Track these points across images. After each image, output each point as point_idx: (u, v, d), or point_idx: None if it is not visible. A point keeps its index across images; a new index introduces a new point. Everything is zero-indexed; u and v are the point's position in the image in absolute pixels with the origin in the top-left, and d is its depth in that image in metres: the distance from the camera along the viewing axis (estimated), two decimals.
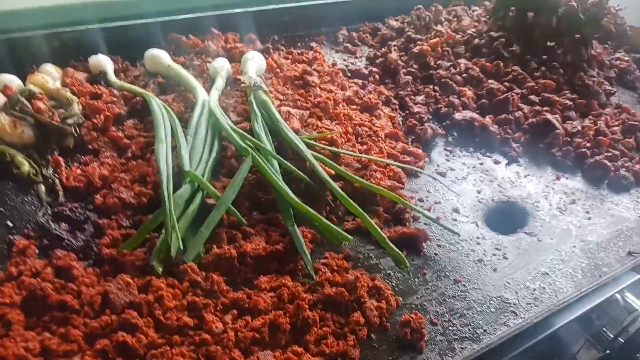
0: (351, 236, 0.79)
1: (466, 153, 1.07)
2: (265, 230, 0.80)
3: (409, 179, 0.97)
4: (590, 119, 1.17)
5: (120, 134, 0.93)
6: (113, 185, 0.83)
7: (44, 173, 0.84)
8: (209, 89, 1.03)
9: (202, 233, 0.73)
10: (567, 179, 1.05)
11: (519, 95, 1.19)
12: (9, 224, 0.77)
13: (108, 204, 0.80)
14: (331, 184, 0.85)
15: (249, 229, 0.79)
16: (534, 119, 1.13)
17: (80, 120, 0.93)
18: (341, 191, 0.84)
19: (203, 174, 0.82)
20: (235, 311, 0.66)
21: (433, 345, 0.69)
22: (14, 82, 0.95)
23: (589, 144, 1.10)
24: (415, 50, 1.27)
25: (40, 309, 0.64)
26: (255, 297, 0.68)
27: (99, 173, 0.85)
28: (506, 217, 0.93)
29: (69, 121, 0.90)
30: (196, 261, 0.72)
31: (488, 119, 1.12)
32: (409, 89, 1.20)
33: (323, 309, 0.68)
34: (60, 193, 0.82)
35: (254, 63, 1.09)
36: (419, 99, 1.17)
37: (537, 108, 1.16)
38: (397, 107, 1.16)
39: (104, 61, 1.06)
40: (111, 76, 1.05)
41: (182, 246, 0.71)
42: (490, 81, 1.23)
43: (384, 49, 1.33)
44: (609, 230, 0.93)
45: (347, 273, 0.74)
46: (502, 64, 1.26)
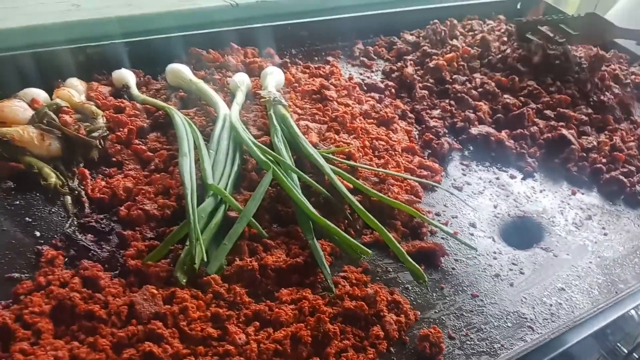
0: (369, 250, 0.80)
1: (482, 167, 1.08)
2: (286, 243, 0.82)
3: (426, 193, 0.99)
4: (606, 134, 1.17)
5: (143, 147, 0.95)
6: (137, 198, 0.85)
7: (71, 185, 0.87)
8: (229, 103, 1.05)
9: (225, 245, 0.75)
10: (583, 194, 1.05)
11: (535, 110, 1.20)
12: (37, 234, 0.79)
13: (132, 216, 0.82)
14: (349, 198, 0.86)
15: (270, 241, 0.81)
16: (549, 134, 1.14)
17: (105, 133, 0.95)
18: (359, 205, 0.86)
19: (225, 187, 0.84)
20: (258, 323, 0.68)
21: None
22: (40, 96, 0.98)
23: (604, 160, 1.10)
24: (431, 64, 1.28)
25: (69, 319, 0.66)
26: (277, 309, 0.69)
27: (123, 185, 0.87)
28: (522, 232, 0.94)
29: (94, 134, 0.93)
30: (219, 273, 0.73)
31: (504, 134, 1.13)
32: (425, 103, 1.21)
33: (343, 322, 0.70)
34: (86, 204, 0.84)
35: (274, 78, 1.11)
36: (435, 113, 1.18)
37: (553, 123, 1.17)
38: (414, 121, 1.17)
39: (127, 75, 1.09)
40: (134, 90, 1.07)
41: (206, 258, 0.73)
42: (506, 96, 1.23)
43: (399, 63, 1.34)
44: (625, 246, 0.93)
45: (366, 287, 0.75)
46: (518, 78, 1.28)
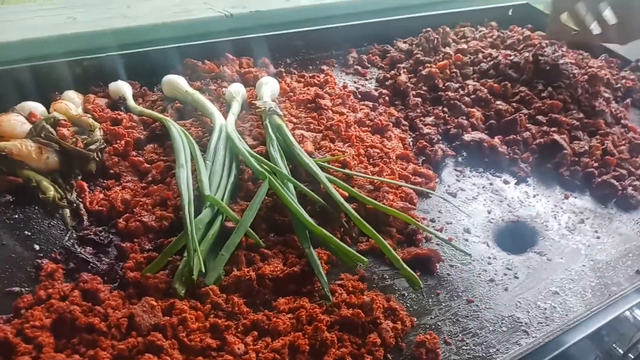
0: (365, 257, 0.81)
1: (476, 173, 1.10)
2: (283, 252, 0.83)
3: (421, 200, 1.00)
4: (597, 139, 1.19)
5: (140, 159, 0.96)
6: (135, 209, 0.85)
7: (69, 198, 0.87)
8: (225, 113, 1.06)
9: (223, 256, 0.76)
10: (576, 198, 1.06)
11: (527, 116, 1.21)
12: (36, 247, 0.80)
13: (130, 228, 0.82)
14: (345, 206, 0.88)
15: (267, 251, 0.82)
16: (541, 139, 1.16)
17: (102, 146, 0.96)
18: (355, 213, 0.87)
19: (222, 198, 0.85)
20: (256, 332, 0.69)
21: None
22: (38, 109, 0.99)
23: (596, 164, 1.12)
24: (424, 72, 1.30)
25: (69, 332, 0.66)
26: (274, 319, 0.70)
27: (121, 197, 0.88)
28: (516, 237, 0.95)
29: (91, 147, 0.94)
30: (217, 283, 0.74)
31: (497, 140, 1.15)
32: (419, 111, 1.22)
33: (340, 330, 0.70)
34: (85, 217, 0.85)
35: (269, 88, 1.12)
36: (429, 120, 1.20)
37: (545, 128, 1.18)
38: (408, 129, 1.18)
39: (123, 87, 1.10)
40: (130, 102, 1.08)
41: (204, 269, 0.74)
42: (498, 102, 1.25)
43: (393, 71, 1.35)
44: (617, 249, 0.95)
45: (363, 294, 0.76)
46: (510, 84, 1.29)
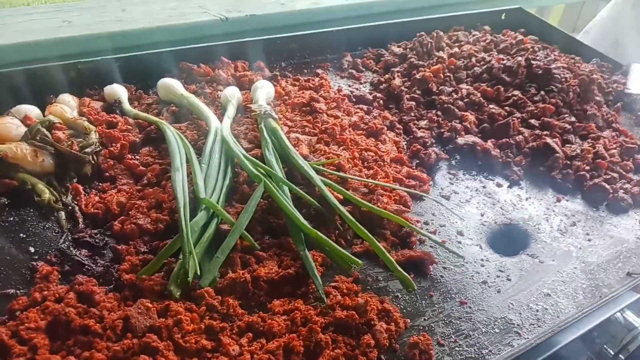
0: (360, 259, 0.82)
1: (469, 176, 1.11)
2: (278, 255, 0.83)
3: (415, 202, 1.01)
4: (589, 142, 1.20)
5: (136, 162, 0.96)
6: (130, 212, 0.86)
7: (64, 200, 0.88)
8: (220, 117, 1.07)
9: (218, 258, 0.77)
10: (568, 201, 1.08)
11: (520, 120, 1.23)
12: (32, 249, 0.80)
13: (126, 230, 0.83)
14: (340, 209, 0.88)
15: (262, 253, 0.82)
16: (534, 143, 1.17)
17: (98, 149, 0.96)
18: (349, 215, 0.87)
19: (218, 201, 0.86)
20: (251, 334, 0.69)
21: None
22: (33, 112, 0.99)
23: (588, 167, 1.13)
24: (417, 76, 1.31)
25: (64, 334, 0.67)
26: (269, 321, 0.70)
27: (117, 200, 0.88)
28: (509, 240, 0.96)
29: (87, 150, 0.94)
30: (212, 286, 0.75)
31: (490, 143, 1.16)
32: (413, 114, 1.23)
33: (335, 331, 0.71)
34: (80, 220, 0.85)
35: (264, 91, 1.13)
36: (423, 123, 1.21)
37: (537, 132, 1.20)
38: (402, 132, 1.19)
39: (118, 90, 1.10)
40: (126, 105, 1.09)
41: (199, 271, 0.75)
42: (492, 106, 1.26)
43: (387, 75, 1.37)
44: (608, 251, 0.96)
45: (357, 296, 0.77)
46: (503, 88, 1.30)
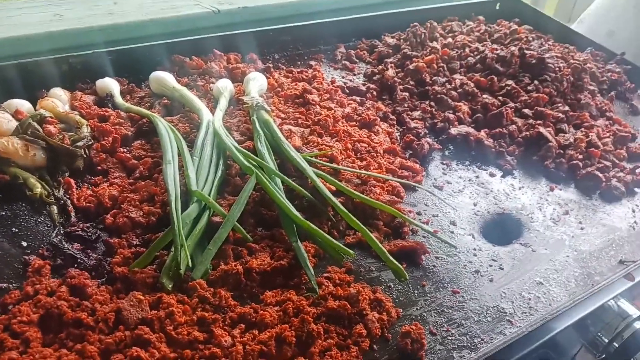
0: (352, 250, 0.82)
1: (462, 166, 1.11)
2: (270, 246, 0.83)
3: (408, 193, 1.01)
4: (582, 131, 1.20)
5: (128, 155, 0.96)
6: (122, 205, 0.86)
7: (56, 194, 0.87)
8: (212, 109, 1.06)
9: (210, 250, 0.77)
10: (561, 190, 1.08)
11: (513, 109, 1.23)
12: (24, 244, 0.80)
13: (118, 224, 0.83)
14: (332, 200, 0.88)
15: (254, 245, 0.82)
16: (527, 132, 1.17)
17: (90, 142, 0.96)
18: (342, 207, 0.87)
19: (209, 193, 0.86)
20: (243, 325, 0.69)
21: (432, 355, 0.72)
22: (24, 107, 0.99)
23: (581, 156, 1.13)
24: (411, 67, 1.31)
25: (57, 327, 0.67)
26: (261, 312, 0.71)
27: (109, 193, 0.88)
28: (502, 229, 0.96)
29: (78, 144, 0.94)
30: (204, 278, 0.75)
31: (483, 133, 1.16)
32: (406, 105, 1.23)
33: (327, 321, 0.71)
34: (72, 213, 0.85)
35: (256, 83, 1.13)
36: (416, 114, 1.21)
37: (531, 121, 1.19)
38: (395, 123, 1.19)
39: (110, 84, 1.10)
40: (118, 98, 1.08)
41: (191, 263, 0.75)
42: (485, 96, 1.26)
43: (381, 66, 1.36)
44: (601, 239, 0.96)
45: (350, 286, 0.77)
46: (496, 78, 1.30)
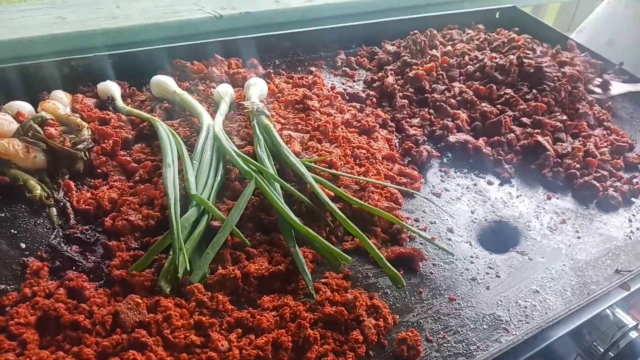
0: (350, 256, 0.83)
1: (460, 174, 1.11)
2: (268, 251, 0.84)
3: (406, 200, 1.01)
4: (580, 141, 1.21)
5: (128, 158, 0.97)
6: (122, 208, 0.86)
7: (56, 196, 0.88)
8: (213, 114, 1.07)
9: (208, 255, 0.77)
10: (558, 198, 1.08)
11: (511, 118, 1.23)
12: (22, 245, 0.80)
13: (117, 227, 0.83)
14: (331, 206, 0.89)
15: (253, 249, 0.83)
16: (525, 141, 1.17)
17: (90, 145, 0.96)
18: (340, 212, 0.88)
19: (209, 197, 0.86)
20: (240, 330, 0.70)
21: None
22: (25, 109, 0.99)
23: (578, 165, 1.14)
24: (410, 74, 1.31)
25: (54, 329, 0.67)
26: (258, 317, 0.71)
27: (108, 196, 0.88)
28: (499, 237, 0.97)
29: (79, 146, 0.94)
30: (202, 282, 0.75)
31: (481, 141, 1.16)
32: (405, 112, 1.24)
33: (323, 327, 0.72)
34: (71, 216, 0.86)
35: (257, 89, 1.13)
36: (415, 121, 1.21)
37: (529, 130, 1.20)
38: (394, 130, 1.19)
39: (112, 87, 1.10)
40: (119, 102, 1.09)
41: (189, 267, 0.75)
42: (484, 104, 1.27)
43: (380, 72, 1.37)
44: (597, 248, 0.96)
45: (347, 292, 0.77)
46: (495, 87, 1.31)
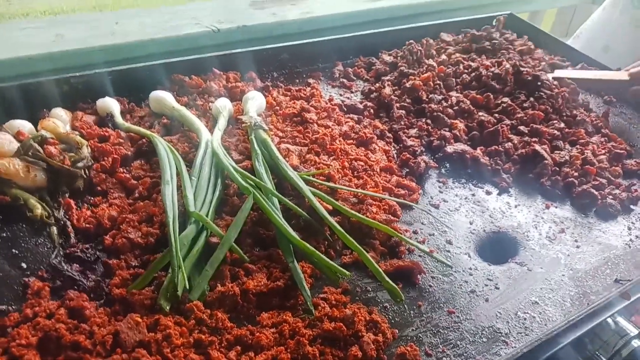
0: (349, 270, 0.83)
1: (458, 184, 1.12)
2: (267, 267, 0.84)
3: (404, 211, 1.01)
4: (577, 148, 1.21)
5: (127, 175, 0.97)
6: (121, 226, 0.87)
7: (56, 215, 0.88)
8: (211, 128, 1.08)
9: (207, 272, 0.77)
10: (556, 207, 1.08)
11: (509, 126, 1.24)
12: (24, 265, 0.81)
13: (117, 245, 0.84)
14: (329, 220, 0.89)
15: (251, 265, 0.83)
16: (523, 150, 1.18)
17: (90, 163, 0.97)
18: (338, 226, 0.88)
19: (207, 213, 0.87)
20: (239, 347, 0.70)
21: None
22: (25, 127, 1.00)
23: (576, 173, 1.14)
24: (407, 85, 1.32)
25: (55, 349, 0.68)
26: (257, 334, 0.71)
27: (108, 214, 0.89)
28: (497, 248, 0.97)
29: (79, 164, 0.95)
30: (201, 299, 0.76)
31: (479, 151, 1.17)
32: (403, 123, 1.24)
33: (322, 343, 0.72)
34: (72, 234, 0.86)
35: (255, 103, 1.14)
36: (412, 132, 1.22)
37: (526, 139, 1.20)
38: (392, 141, 1.20)
39: (111, 104, 1.11)
40: (118, 118, 1.09)
41: (188, 285, 0.75)
42: (481, 113, 1.27)
43: (378, 83, 1.38)
44: (596, 258, 0.97)
45: (345, 307, 0.78)
46: (492, 96, 1.31)
